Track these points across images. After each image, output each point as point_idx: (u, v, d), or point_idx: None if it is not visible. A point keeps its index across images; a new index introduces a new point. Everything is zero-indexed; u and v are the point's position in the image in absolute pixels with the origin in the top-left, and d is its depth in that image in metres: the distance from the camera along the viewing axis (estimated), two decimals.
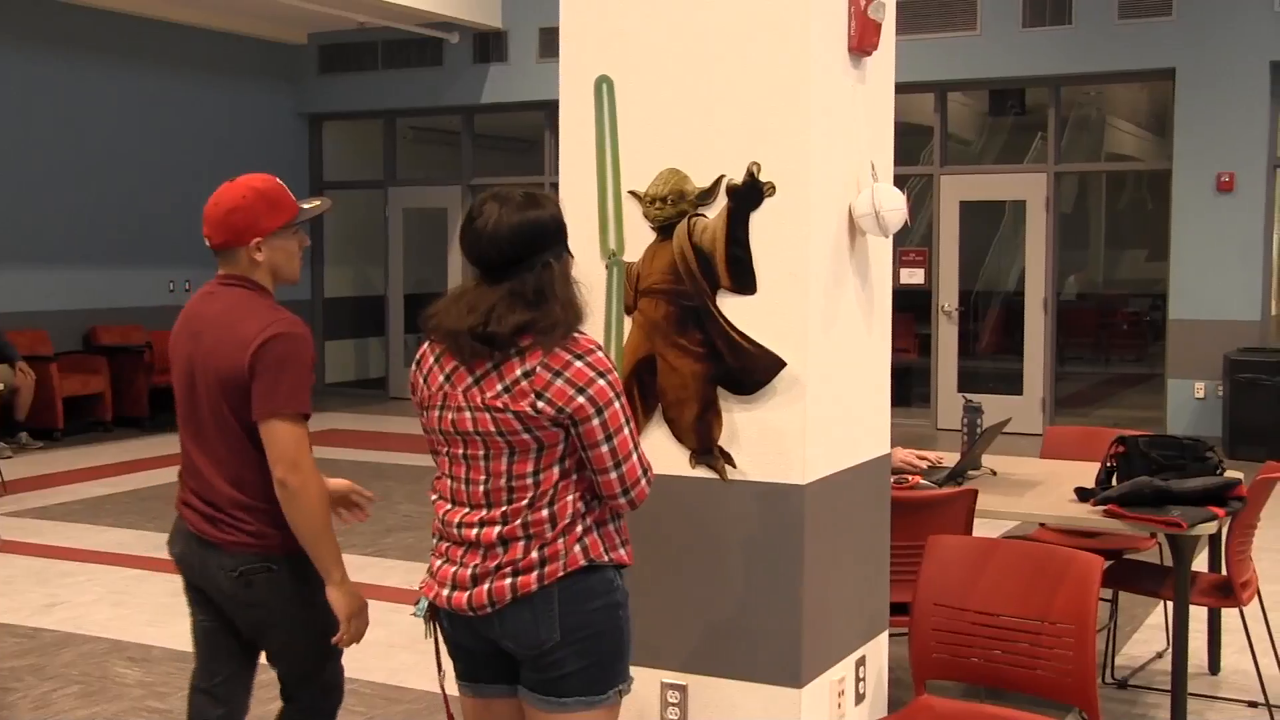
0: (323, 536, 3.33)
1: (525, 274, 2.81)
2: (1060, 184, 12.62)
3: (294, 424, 3.30)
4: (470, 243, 2.86)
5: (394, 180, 15.67)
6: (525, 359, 2.80)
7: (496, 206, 2.84)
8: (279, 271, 3.44)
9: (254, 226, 3.39)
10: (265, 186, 3.43)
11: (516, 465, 2.84)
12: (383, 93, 15.10)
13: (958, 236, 12.86)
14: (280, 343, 3.32)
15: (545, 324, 2.78)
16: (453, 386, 2.89)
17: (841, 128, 3.63)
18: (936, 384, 12.91)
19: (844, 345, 3.67)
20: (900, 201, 3.61)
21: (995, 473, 5.32)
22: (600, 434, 2.80)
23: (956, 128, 14.61)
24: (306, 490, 3.30)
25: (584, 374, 2.78)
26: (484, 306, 2.81)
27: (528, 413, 2.79)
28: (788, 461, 3.47)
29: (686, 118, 3.56)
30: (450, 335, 2.85)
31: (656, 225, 3.61)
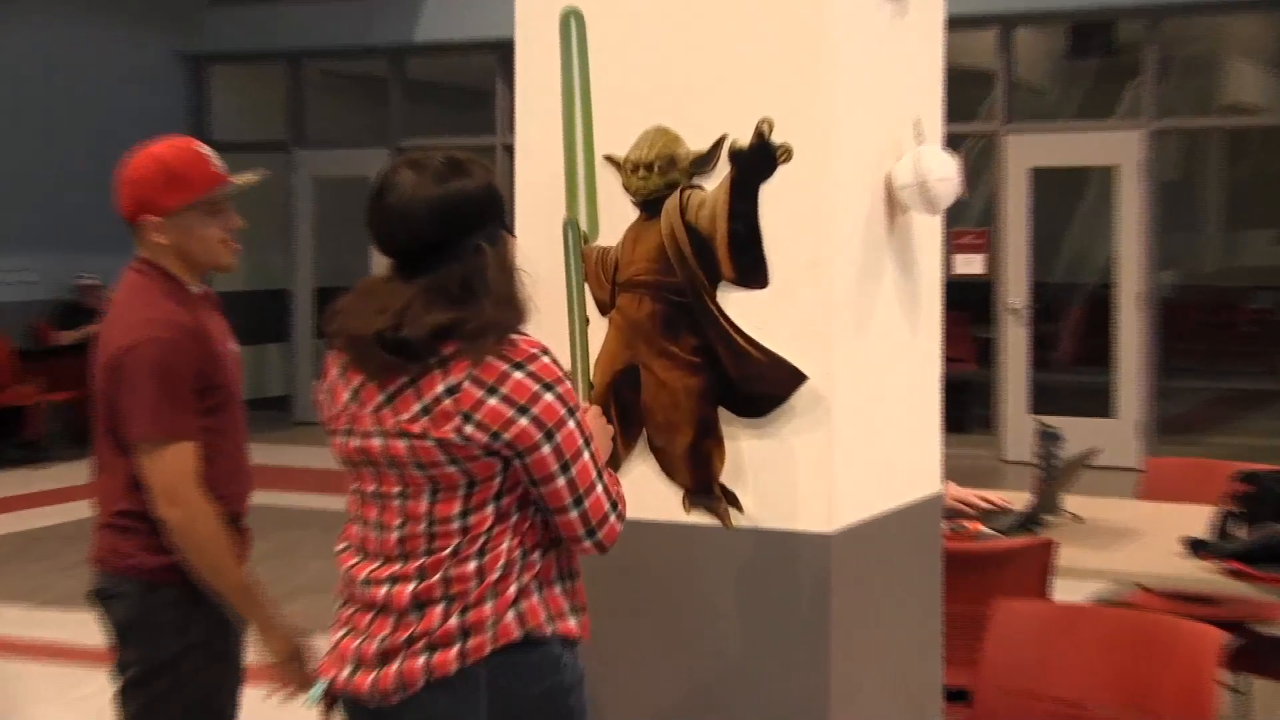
0: (226, 575, 3.49)
1: (450, 263, 2.84)
2: (1161, 145, 12.69)
3: (166, 450, 3.46)
4: (378, 224, 2.89)
5: (301, 141, 15.69)
6: (449, 371, 2.82)
7: (411, 176, 2.87)
8: (191, 256, 3.60)
9: (150, 203, 3.55)
10: (170, 156, 3.58)
11: (440, 506, 2.87)
12: (287, 28, 15.13)
13: (1028, 213, 12.92)
14: (141, 353, 3.46)
15: (473, 326, 2.80)
16: (360, 406, 2.92)
17: (876, 75, 3.66)
18: (1002, 403, 12.96)
19: (881, 353, 3.70)
20: (952, 169, 3.64)
21: (1079, 518, 5.35)
22: (553, 464, 2.83)
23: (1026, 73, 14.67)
24: (193, 526, 3.46)
25: (525, 387, 2.80)
26: (397, 306, 2.82)
27: (453, 440, 2.81)
28: (809, 504, 3.49)
29: (678, 62, 3.59)
30: (355, 342, 2.88)
31: (640, 200, 3.63)
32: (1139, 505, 5.73)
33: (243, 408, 3.81)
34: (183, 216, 3.59)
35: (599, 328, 3.69)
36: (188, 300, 3.63)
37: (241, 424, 3.79)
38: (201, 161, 3.62)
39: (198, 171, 3.60)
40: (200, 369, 3.55)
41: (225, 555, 3.53)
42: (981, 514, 5.20)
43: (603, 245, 3.68)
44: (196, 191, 3.57)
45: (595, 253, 3.68)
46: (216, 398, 3.63)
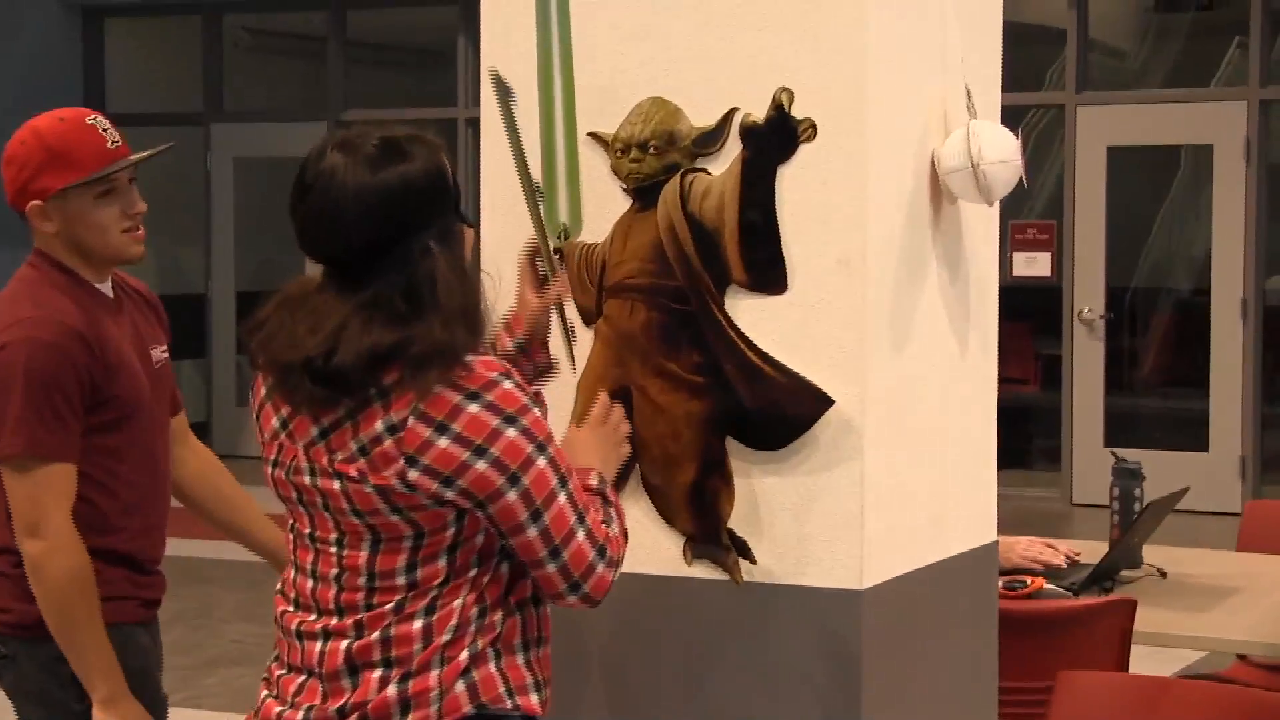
0: (77, 629, 3.53)
1: (392, 271, 2.84)
2: (1270, 119, 12.71)
3: (32, 472, 3.50)
4: (301, 225, 2.91)
5: (220, 113, 15.70)
6: (390, 405, 2.82)
7: (340, 162, 2.86)
8: (85, 245, 3.64)
9: (31, 185, 3.62)
10: (51, 129, 3.63)
11: (381, 558, 2.88)
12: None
13: (1104, 203, 12.94)
14: (10, 356, 3.54)
15: (418, 349, 2.80)
16: (291, 439, 2.95)
17: (918, 34, 3.68)
18: (1071, 433, 12.98)
19: (924, 373, 3.72)
20: (1012, 149, 3.66)
21: (1165, 574, 5.37)
22: (522, 512, 2.83)
23: (1103, 32, 14.70)
24: (50, 563, 3.50)
25: (482, 424, 2.81)
26: (330, 325, 2.82)
27: (394, 488, 2.82)
28: (836, 555, 3.51)
29: (677, 20, 3.60)
30: (279, 368, 2.89)
31: (633, 186, 3.65)
32: (1238, 558, 5.74)
33: (161, 427, 3.83)
34: (71, 200, 3.63)
35: (583, 341, 3.70)
36: (85, 298, 3.65)
37: (154, 446, 3.81)
38: (89, 134, 3.66)
39: (85, 146, 3.63)
40: (89, 378, 3.57)
41: (81, 607, 3.54)
42: (1047, 570, 5.20)
43: (586, 241, 3.69)
44: (84, 169, 3.61)
45: (578, 251, 3.69)
46: (112, 412, 3.64)
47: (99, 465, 3.62)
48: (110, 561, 3.63)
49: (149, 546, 3.77)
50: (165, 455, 3.85)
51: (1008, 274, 12.88)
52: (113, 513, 3.66)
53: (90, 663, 3.56)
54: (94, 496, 3.62)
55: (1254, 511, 6.32)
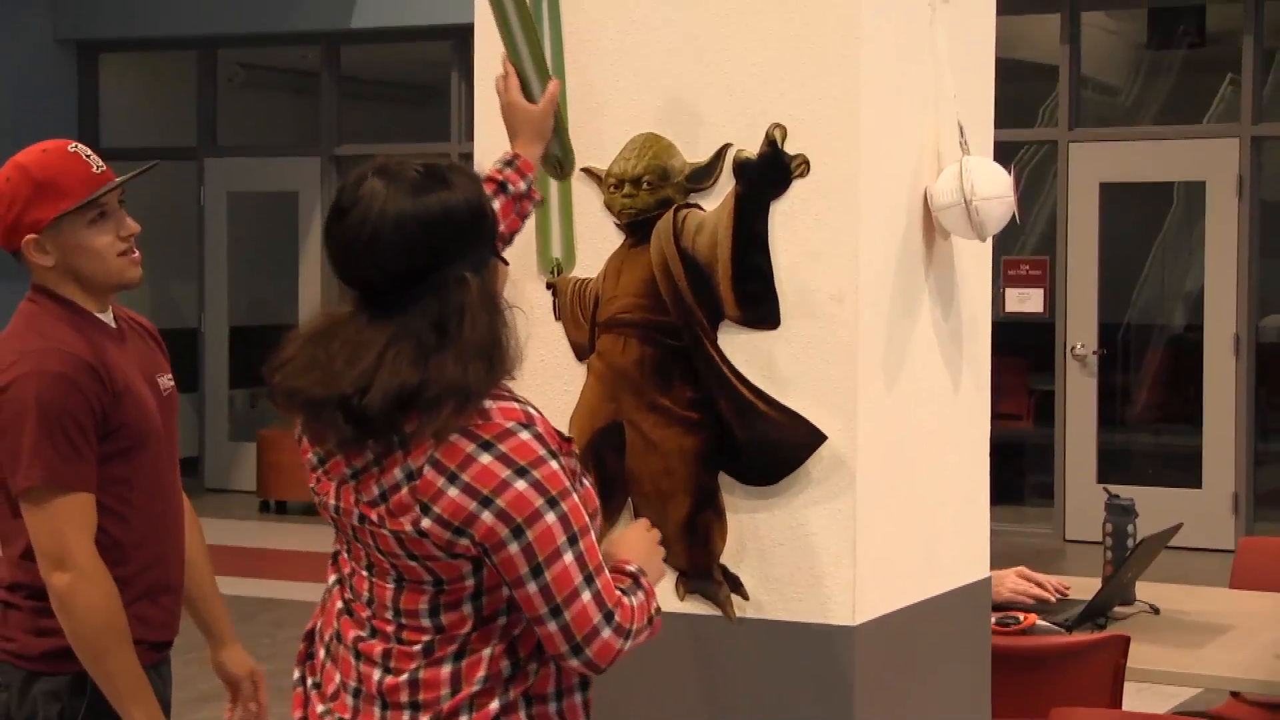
0: (109, 657, 3.56)
1: (424, 300, 2.81)
2: (1262, 155, 12.73)
3: (52, 503, 3.51)
4: (340, 249, 2.86)
5: (214, 148, 15.72)
6: (410, 452, 2.81)
7: (382, 187, 2.82)
8: (83, 274, 3.66)
9: (23, 219, 3.64)
10: (35, 162, 3.65)
11: (406, 597, 2.88)
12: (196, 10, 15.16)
13: (1097, 239, 12.95)
14: (21, 390, 3.53)
15: (433, 393, 2.76)
16: (327, 476, 2.94)
17: (911, 70, 3.69)
18: (1064, 469, 12.97)
19: (917, 408, 3.72)
20: (1005, 185, 3.66)
21: (1158, 610, 5.36)
22: (522, 566, 2.79)
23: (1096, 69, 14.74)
24: (78, 595, 3.51)
25: (491, 475, 2.78)
26: (368, 360, 2.78)
27: (409, 534, 2.81)
28: (828, 590, 3.51)
29: (671, 56, 3.62)
30: (311, 406, 2.84)
31: (626, 221, 3.65)
32: (1232, 594, 5.74)
33: (171, 455, 3.83)
34: (64, 229, 3.64)
35: (576, 375, 3.70)
36: (88, 328, 3.66)
37: (166, 474, 3.81)
38: (74, 161, 3.67)
39: (71, 174, 3.64)
40: (100, 407, 3.58)
41: (111, 635, 3.55)
42: (1039, 605, 5.20)
43: (580, 276, 3.70)
44: (74, 196, 3.62)
45: (571, 286, 3.70)
46: (123, 441, 3.65)
47: (112, 494, 3.63)
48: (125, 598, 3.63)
49: (164, 575, 3.78)
50: (176, 483, 3.86)
51: (1000, 309, 12.89)
52: (127, 542, 3.66)
53: (123, 690, 3.58)
54: (108, 526, 3.62)
55: (1247, 548, 6.32)
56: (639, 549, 3.11)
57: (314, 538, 13.02)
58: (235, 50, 15.95)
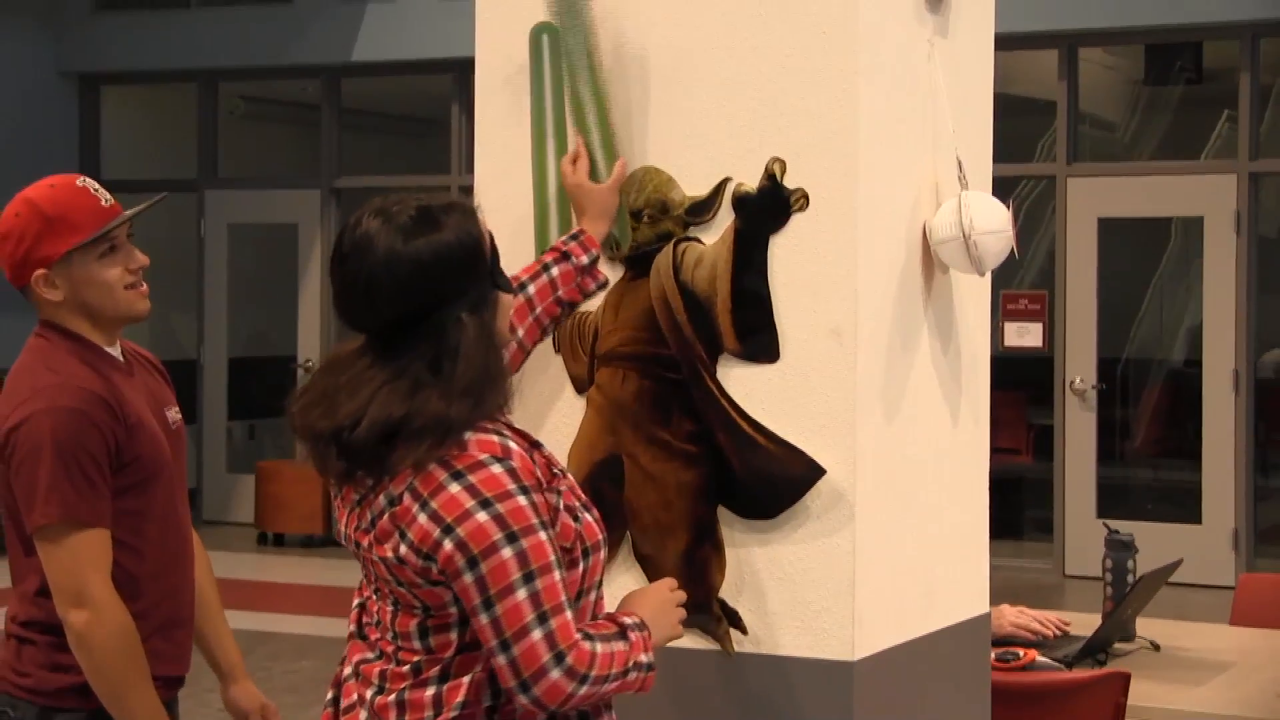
0: (128, 693, 3.58)
1: (423, 341, 2.87)
2: (1260, 191, 12.75)
3: (68, 539, 3.51)
4: (341, 294, 2.93)
5: (214, 180, 15.73)
6: (394, 480, 2.87)
7: (377, 231, 2.88)
8: (92, 307, 3.68)
9: (33, 255, 3.64)
10: (44, 197, 3.66)
11: (400, 620, 2.94)
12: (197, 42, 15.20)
13: (1095, 274, 12.96)
14: (36, 426, 3.54)
15: (417, 425, 2.82)
16: (342, 503, 3.00)
17: (910, 106, 3.69)
18: (1064, 504, 12.96)
19: (916, 443, 3.71)
20: (1003, 220, 3.67)
21: (1158, 646, 5.35)
22: (475, 596, 2.82)
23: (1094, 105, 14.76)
24: (96, 631, 3.52)
25: (455, 504, 2.82)
26: (364, 396, 2.86)
27: (392, 561, 2.87)
28: (827, 625, 3.50)
29: (670, 90, 3.62)
30: (314, 439, 2.92)
31: (626, 255, 3.66)
32: (1232, 631, 5.73)
33: (181, 488, 3.84)
34: (74, 263, 3.64)
35: (575, 408, 3.70)
36: (98, 362, 3.67)
37: (176, 507, 3.81)
38: (83, 196, 3.68)
39: (81, 208, 3.65)
40: (114, 441, 3.59)
41: (131, 671, 3.56)
42: (1039, 641, 5.19)
43: (579, 310, 3.69)
44: (84, 230, 3.63)
45: (571, 319, 3.69)
46: (136, 474, 3.65)
47: (126, 528, 3.64)
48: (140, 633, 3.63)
49: (177, 609, 3.78)
50: (186, 516, 3.86)
51: (999, 344, 12.88)
52: (141, 576, 3.67)
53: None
54: (123, 560, 3.63)
55: (1247, 585, 6.31)
56: (649, 605, 3.11)
57: (312, 570, 13.01)
58: (236, 83, 15.96)
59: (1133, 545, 5.66)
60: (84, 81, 15.81)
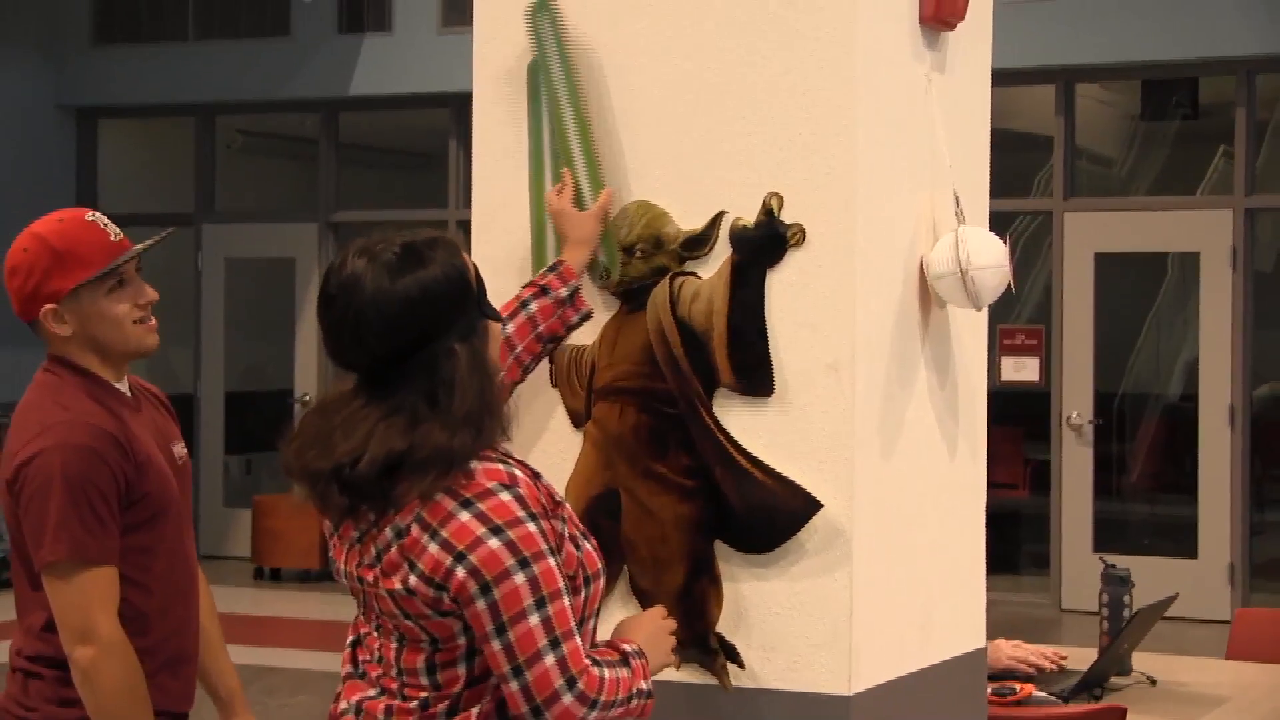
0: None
1: (416, 377, 2.88)
2: (1256, 226, 12.77)
3: (76, 576, 3.50)
4: (330, 334, 2.94)
5: (211, 214, 15.73)
6: (400, 513, 2.87)
7: (363, 270, 2.89)
8: (101, 343, 3.68)
9: (41, 289, 3.64)
10: (53, 231, 3.66)
11: (406, 656, 2.93)
12: (195, 76, 15.21)
13: (1092, 309, 12.97)
14: (45, 463, 3.53)
15: (420, 456, 2.84)
16: (340, 540, 3.01)
17: (907, 141, 3.70)
18: (1060, 539, 12.95)
19: (913, 477, 3.71)
20: (1000, 255, 3.67)
21: (1155, 681, 5.35)
22: (488, 623, 2.84)
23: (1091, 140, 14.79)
24: (101, 669, 3.51)
25: (466, 532, 2.83)
26: (361, 433, 2.87)
27: (399, 593, 2.87)
28: (825, 660, 3.49)
29: (666, 123, 3.63)
30: (311, 478, 2.92)
31: (622, 289, 3.66)
32: (1228, 665, 5.72)
33: (187, 523, 3.84)
34: (83, 298, 3.64)
35: (572, 442, 3.70)
36: (107, 398, 3.67)
37: (184, 542, 3.81)
38: (92, 230, 3.67)
39: (90, 243, 3.65)
40: (124, 478, 3.59)
41: (135, 710, 3.54)
42: (1036, 675, 5.18)
43: (576, 344, 3.70)
44: (93, 265, 3.63)
45: (567, 353, 3.70)
46: (145, 511, 3.65)
47: (134, 564, 3.63)
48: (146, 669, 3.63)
49: (183, 645, 3.77)
50: (193, 551, 3.86)
51: (996, 379, 12.88)
52: (149, 613, 3.66)
53: None
54: (131, 597, 3.62)
55: (1243, 619, 6.30)
56: (643, 632, 3.13)
57: (308, 605, 12.98)
58: (234, 116, 15.98)
59: (1129, 580, 5.66)
60: (82, 115, 15.83)
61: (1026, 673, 5.16)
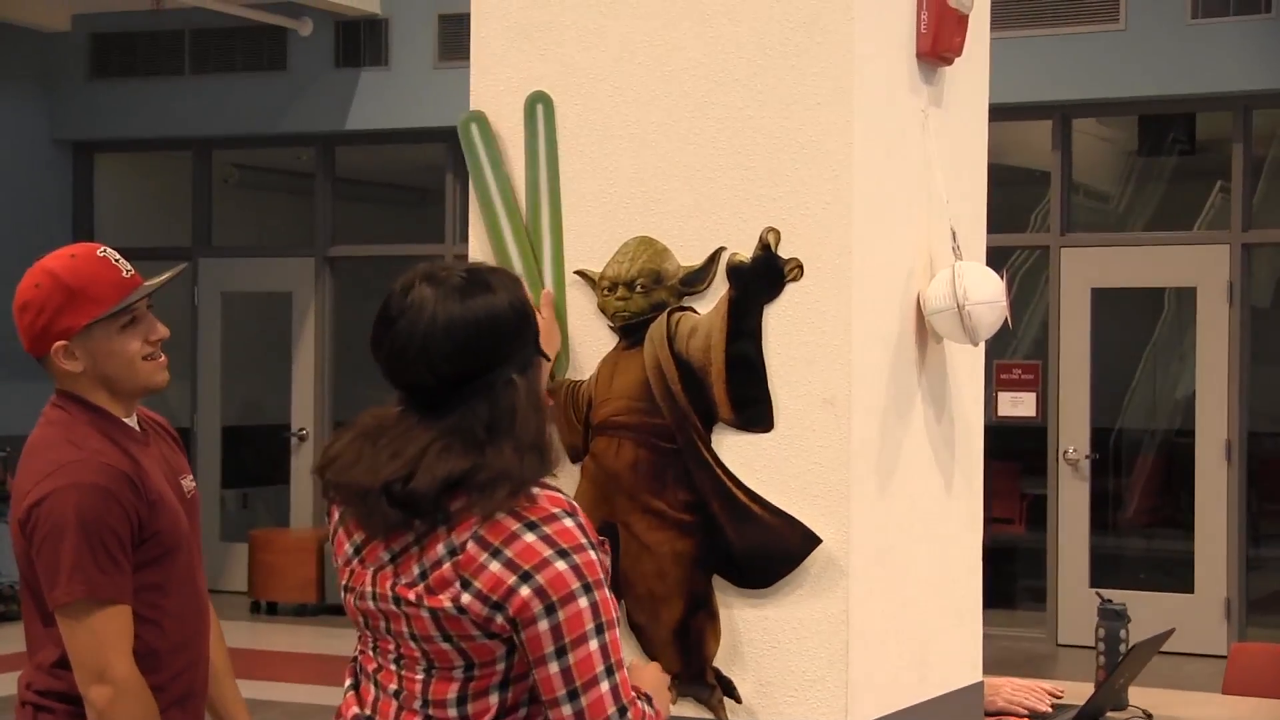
0: None
1: (474, 400, 2.89)
2: (1253, 262, 12.79)
3: (92, 616, 3.49)
4: (391, 356, 2.94)
5: (208, 248, 15.74)
6: (453, 529, 2.87)
7: (431, 294, 2.92)
8: (111, 379, 3.66)
9: (53, 327, 3.62)
10: (65, 268, 3.63)
11: (435, 686, 2.92)
12: (191, 111, 15.23)
13: (1089, 343, 12.98)
14: (58, 503, 3.52)
15: (485, 476, 2.85)
16: (362, 564, 2.99)
17: (904, 176, 3.71)
18: (1056, 573, 12.95)
19: (910, 512, 3.72)
20: (997, 290, 3.68)
21: (1151, 716, 5.34)
22: (548, 644, 2.85)
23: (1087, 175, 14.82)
24: (118, 710, 3.50)
25: (533, 552, 2.84)
26: (412, 452, 2.88)
27: (447, 611, 2.86)
28: (821, 695, 3.49)
29: (666, 160, 3.64)
30: (358, 495, 2.93)
31: (620, 325, 3.67)
32: (1224, 700, 5.71)
33: (198, 558, 3.83)
34: (95, 335, 3.63)
35: (569, 477, 3.70)
36: (118, 435, 3.66)
37: (194, 579, 3.80)
38: (103, 267, 3.66)
39: (102, 280, 3.63)
40: (137, 516, 3.58)
41: None
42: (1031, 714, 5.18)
43: (573, 379, 3.71)
44: (106, 303, 3.62)
45: (565, 388, 3.70)
46: (157, 548, 3.65)
47: (146, 602, 3.63)
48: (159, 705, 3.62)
49: (194, 680, 3.76)
50: (204, 585, 3.85)
51: (993, 414, 12.89)
52: (161, 650, 3.65)
53: None
54: (144, 634, 3.61)
55: (1239, 654, 6.29)
56: (649, 680, 3.17)
57: (304, 639, 12.96)
58: (230, 151, 16.00)
59: (1125, 614, 5.65)
60: (78, 149, 15.84)
61: (1023, 715, 5.16)
